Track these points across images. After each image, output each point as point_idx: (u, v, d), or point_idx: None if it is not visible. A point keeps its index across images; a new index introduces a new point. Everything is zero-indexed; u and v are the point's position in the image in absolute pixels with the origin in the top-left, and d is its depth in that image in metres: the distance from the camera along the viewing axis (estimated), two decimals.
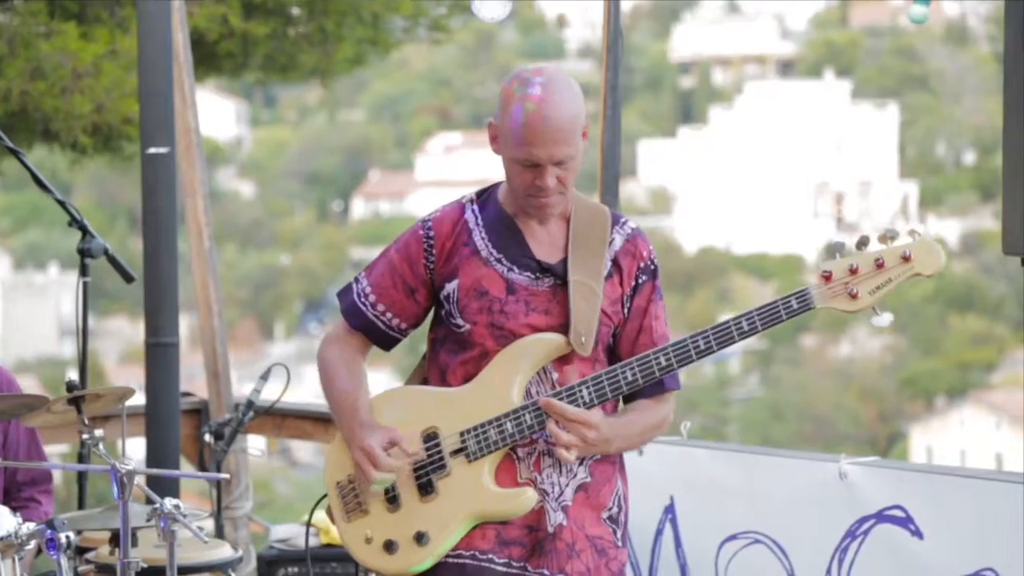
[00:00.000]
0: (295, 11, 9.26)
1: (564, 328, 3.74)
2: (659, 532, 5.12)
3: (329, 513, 3.90)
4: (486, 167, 47.22)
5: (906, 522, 4.59)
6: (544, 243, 3.79)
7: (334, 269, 46.92)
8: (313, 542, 5.83)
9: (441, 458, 3.77)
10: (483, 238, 3.79)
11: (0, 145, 5.30)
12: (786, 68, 54.57)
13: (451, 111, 52.13)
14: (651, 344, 3.82)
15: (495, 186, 3.88)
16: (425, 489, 3.78)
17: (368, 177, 50.93)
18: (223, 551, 4.84)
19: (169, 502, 4.03)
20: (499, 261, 3.77)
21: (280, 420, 6.67)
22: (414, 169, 50.62)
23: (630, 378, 3.70)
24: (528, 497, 3.71)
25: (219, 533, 5.95)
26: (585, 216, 3.82)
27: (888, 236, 3.65)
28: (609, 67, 5.75)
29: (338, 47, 9.36)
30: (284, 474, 35.34)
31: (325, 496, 3.91)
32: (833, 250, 3.69)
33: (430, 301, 3.85)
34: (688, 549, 5.05)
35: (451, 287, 3.78)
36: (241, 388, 7.13)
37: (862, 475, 4.71)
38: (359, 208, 50.73)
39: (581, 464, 3.77)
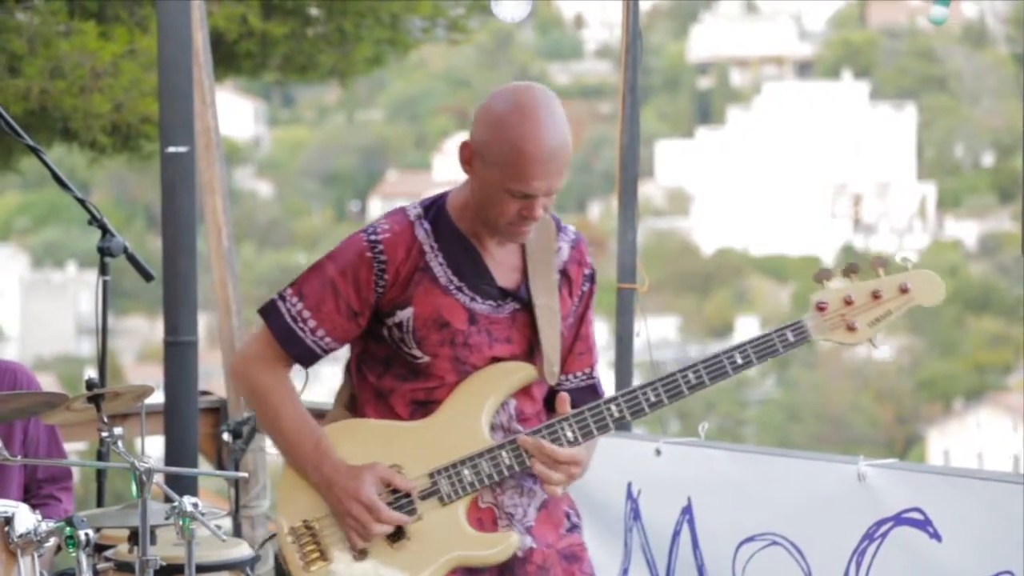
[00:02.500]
0: (314, 11, 9.28)
1: (526, 356, 3.56)
2: (676, 533, 5.11)
3: (283, 559, 3.63)
4: None
5: (924, 524, 4.58)
6: (502, 266, 3.58)
7: None
8: None
9: (411, 502, 3.53)
10: (441, 263, 3.54)
11: (20, 143, 5.31)
12: (804, 69, 54.46)
13: (469, 111, 51.89)
14: (587, 351, 3.67)
15: (442, 199, 3.64)
16: (395, 535, 3.54)
17: (386, 177, 50.96)
18: (241, 550, 4.84)
19: (187, 500, 4.04)
20: (460, 289, 3.54)
21: None
22: (432, 169, 50.63)
23: (616, 415, 3.52)
24: (511, 543, 3.53)
25: (237, 532, 5.96)
26: (535, 229, 3.59)
27: (879, 264, 3.57)
28: (628, 67, 5.75)
29: (356, 47, 9.37)
30: None
31: (274, 536, 3.66)
32: (820, 278, 3.58)
33: (370, 322, 3.57)
34: (705, 550, 5.04)
35: (404, 315, 3.52)
36: None
37: (880, 477, 4.70)
38: (377, 208, 50.71)
39: (536, 482, 3.60)
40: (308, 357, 3.62)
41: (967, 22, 49.54)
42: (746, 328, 42.40)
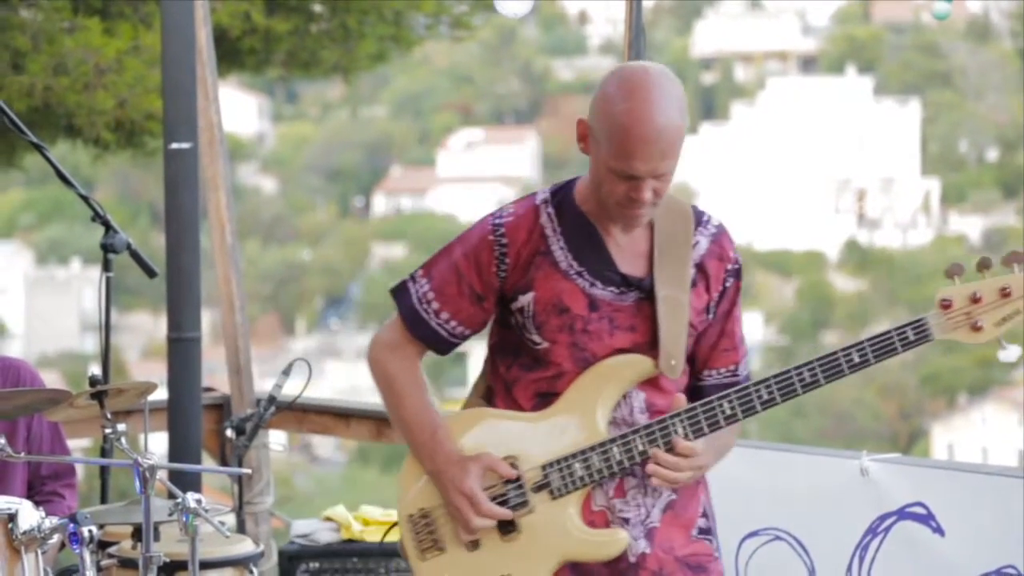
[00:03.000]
0: (317, 8, 9.29)
1: (650, 347, 3.46)
2: None
3: (401, 548, 3.63)
4: (508, 163, 47.10)
5: (927, 519, 4.58)
6: (627, 252, 3.49)
7: (355, 265, 46.93)
8: (333, 537, 5.85)
9: (523, 494, 3.49)
10: (562, 247, 3.47)
11: (24, 140, 5.32)
12: (808, 64, 54.41)
13: (473, 107, 52.11)
14: (732, 348, 3.57)
15: (570, 184, 3.56)
16: (506, 527, 3.51)
17: (390, 173, 50.93)
18: (244, 546, 4.85)
19: (191, 497, 4.05)
20: (580, 275, 3.46)
21: (301, 415, 6.68)
22: (436, 165, 50.60)
23: (728, 412, 3.44)
24: (619, 541, 3.45)
25: (240, 528, 5.97)
26: (668, 218, 3.50)
27: (1014, 259, 3.34)
28: None
29: (360, 44, 9.39)
30: (305, 469, 35.40)
31: (396, 524, 3.67)
32: (952, 273, 3.37)
33: (497, 309, 3.54)
34: None
35: (525, 300, 3.47)
36: (263, 383, 7.16)
37: (884, 472, 4.70)
38: (380, 204, 50.73)
39: None
40: (435, 341, 3.57)
41: (971, 17, 49.49)
42: (750, 323, 42.39)
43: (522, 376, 3.52)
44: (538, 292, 3.46)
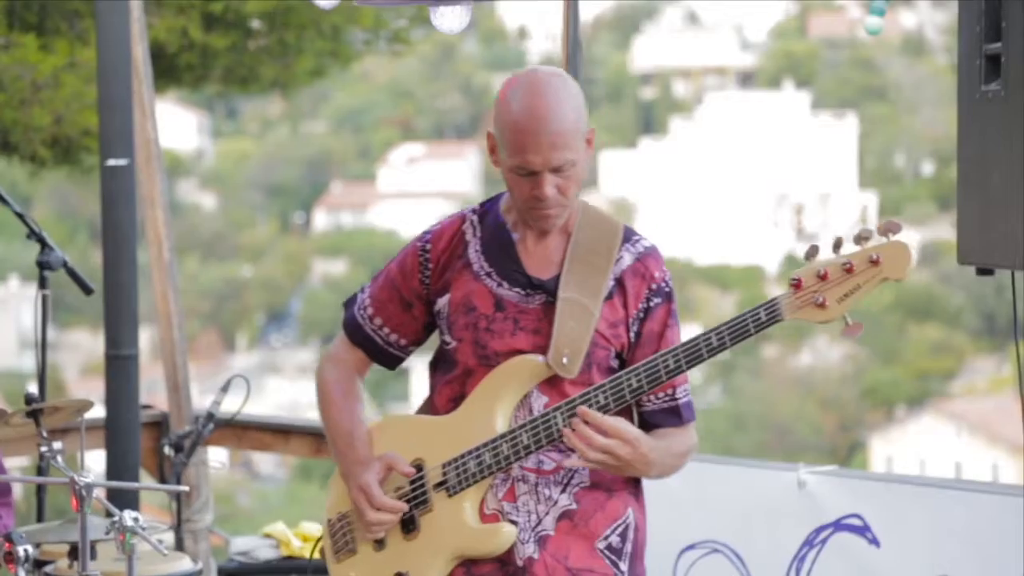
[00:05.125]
0: (255, 24, 9.26)
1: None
2: None
3: (322, 553, 3.72)
4: (449, 178, 47.04)
5: (863, 531, 4.62)
6: (539, 258, 3.55)
7: (296, 281, 46.75)
8: (272, 554, 5.83)
9: (424, 493, 3.56)
10: (477, 251, 3.57)
11: None
12: (746, 79, 54.73)
13: (413, 122, 52.07)
14: None
15: (499, 196, 3.65)
16: (407, 526, 3.58)
17: (330, 189, 50.80)
18: (183, 564, 4.83)
19: (128, 515, 4.03)
20: (489, 275, 3.54)
21: (241, 432, 6.67)
22: (376, 180, 50.53)
23: (602, 401, 3.41)
24: (505, 533, 3.48)
25: (179, 546, 5.94)
26: (591, 231, 3.56)
27: (863, 236, 3.28)
28: None
29: (298, 59, 9.37)
30: (245, 486, 35.21)
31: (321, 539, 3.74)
32: (808, 254, 3.34)
33: (428, 317, 3.63)
34: (647, 558, 5.06)
35: (443, 302, 3.57)
36: (203, 400, 7.12)
37: (820, 484, 4.74)
38: (321, 220, 50.59)
39: (564, 491, 3.52)
40: (371, 347, 3.69)
41: (906, 33, 49.93)
42: (689, 336, 42.45)
43: (440, 381, 3.62)
44: (453, 293, 3.57)
